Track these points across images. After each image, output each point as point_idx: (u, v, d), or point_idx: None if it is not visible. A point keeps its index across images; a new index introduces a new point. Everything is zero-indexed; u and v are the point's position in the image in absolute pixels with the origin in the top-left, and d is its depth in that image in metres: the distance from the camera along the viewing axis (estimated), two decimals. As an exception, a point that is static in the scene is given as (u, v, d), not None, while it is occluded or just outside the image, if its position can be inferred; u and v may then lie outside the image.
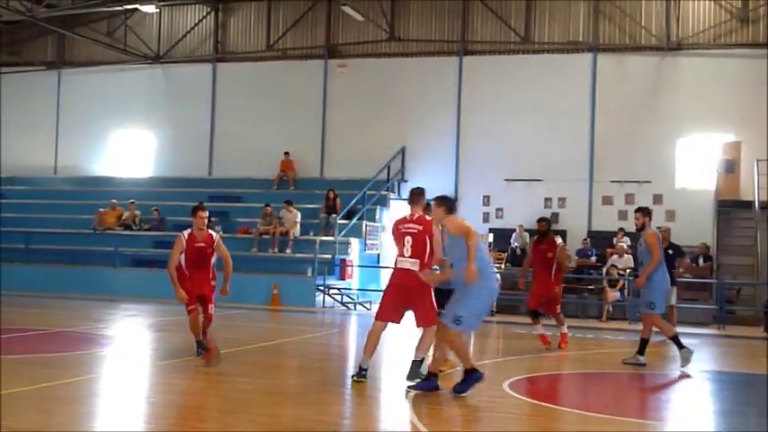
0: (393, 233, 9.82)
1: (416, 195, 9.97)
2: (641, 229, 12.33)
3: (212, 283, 11.31)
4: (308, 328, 17.44)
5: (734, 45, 24.97)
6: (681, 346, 11.95)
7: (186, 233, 11.11)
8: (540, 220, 15.12)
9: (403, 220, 9.79)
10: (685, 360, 11.86)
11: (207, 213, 11.24)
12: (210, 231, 11.36)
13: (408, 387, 9.26)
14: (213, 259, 11.27)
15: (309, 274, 22.99)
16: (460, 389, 8.99)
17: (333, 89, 28.46)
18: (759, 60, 24.41)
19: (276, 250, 24.11)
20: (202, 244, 11.11)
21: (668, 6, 25.24)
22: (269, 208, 24.76)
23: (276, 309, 21.77)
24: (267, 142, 28.11)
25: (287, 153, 27.98)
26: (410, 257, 9.44)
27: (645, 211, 12.47)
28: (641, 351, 12.07)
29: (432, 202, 9.38)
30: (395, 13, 28.03)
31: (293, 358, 12.75)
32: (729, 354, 14.97)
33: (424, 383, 9.23)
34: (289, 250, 24.11)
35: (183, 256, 10.97)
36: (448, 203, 9.38)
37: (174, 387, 9.25)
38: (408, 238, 9.46)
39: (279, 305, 22.13)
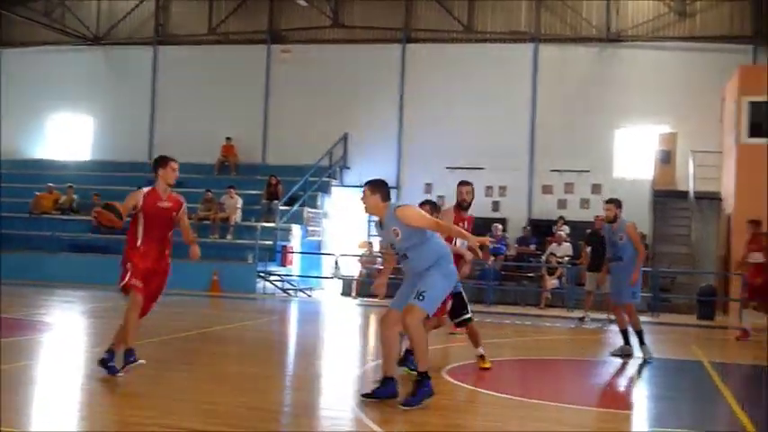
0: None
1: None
2: (613, 220, 12.43)
3: (168, 261, 8.94)
4: (248, 315, 17.38)
5: (671, 38, 25.46)
6: (628, 342, 12.09)
7: (146, 190, 8.79)
8: (423, 203, 15.05)
9: None
10: (625, 352, 12.05)
11: (178, 166, 9.01)
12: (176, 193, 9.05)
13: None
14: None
15: (250, 260, 22.90)
16: (411, 401, 7.61)
17: (276, 74, 28.30)
18: (695, 54, 24.95)
19: (217, 236, 23.97)
20: (167, 204, 8.81)
21: (609, -2, 25.57)
22: (210, 193, 24.57)
23: (216, 295, 21.64)
24: (209, 127, 27.83)
25: (228, 138, 27.77)
26: None
27: (617, 203, 12.59)
28: (642, 341, 12.05)
29: (365, 188, 7.88)
30: (339, 0, 27.94)
31: (234, 345, 12.70)
32: (663, 341, 15.28)
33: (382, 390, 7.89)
34: (230, 236, 23.98)
35: (138, 221, 8.67)
36: (385, 189, 7.93)
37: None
38: None
39: (219, 291, 22.01)
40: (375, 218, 8.04)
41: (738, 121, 22.01)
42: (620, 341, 12.39)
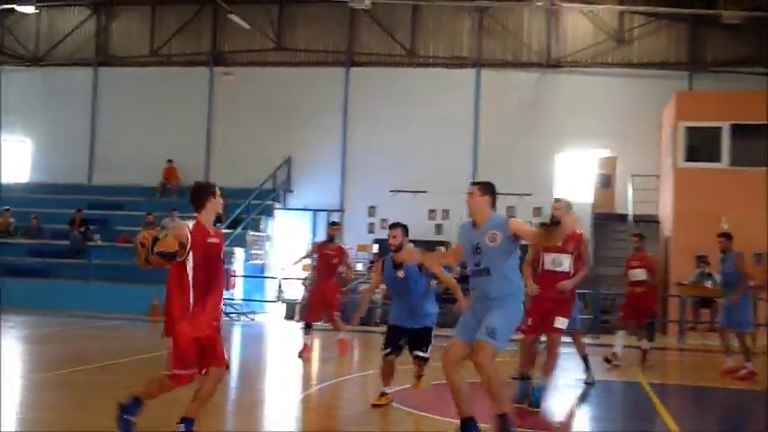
0: None
1: None
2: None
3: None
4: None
5: (610, 64, 25.95)
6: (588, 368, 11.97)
7: (191, 223, 6.91)
8: (332, 224, 15.21)
9: None
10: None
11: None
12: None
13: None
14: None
15: (192, 284, 22.59)
16: None
17: (218, 97, 28.17)
18: (634, 79, 25.47)
19: (158, 260, 23.59)
20: (216, 240, 7.00)
21: (549, 25, 25.98)
22: (151, 216, 24.27)
23: (157, 319, 21.29)
24: (150, 149, 27.54)
25: (170, 161, 27.51)
26: None
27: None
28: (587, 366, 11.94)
29: (476, 188, 7.37)
30: (282, 23, 27.98)
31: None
32: (603, 363, 15.42)
33: None
34: (171, 260, 23.64)
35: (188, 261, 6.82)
36: (495, 195, 7.43)
37: (46, 402, 8.95)
38: None
39: (159, 316, 21.64)
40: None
41: (675, 146, 22.48)
42: (564, 363, 12.45)
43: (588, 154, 25.51)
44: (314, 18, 27.83)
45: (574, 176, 25.68)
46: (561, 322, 9.61)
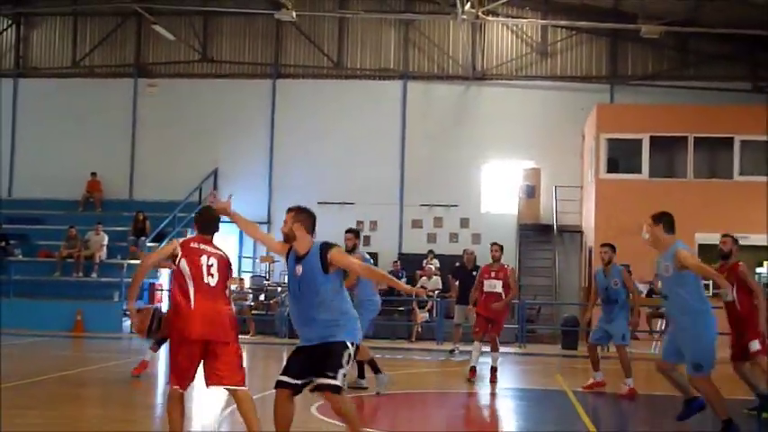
0: None
1: None
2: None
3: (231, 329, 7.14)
4: (113, 356, 16.85)
5: (534, 77, 26.37)
6: (377, 371, 11.32)
7: (181, 240, 7.29)
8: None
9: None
10: (381, 385, 11.25)
11: None
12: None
13: None
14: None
15: (116, 298, 22.27)
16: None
17: (143, 109, 27.79)
18: (557, 92, 25.94)
19: (81, 274, 23.20)
20: (218, 252, 7.32)
21: (473, 38, 26.30)
22: (73, 230, 23.81)
23: (80, 336, 20.91)
24: (73, 162, 26.99)
25: (94, 174, 27.02)
26: None
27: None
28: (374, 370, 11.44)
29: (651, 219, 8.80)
30: (207, 34, 27.78)
31: (96, 387, 12.29)
32: (529, 371, 15.65)
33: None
34: (94, 274, 23.26)
35: (180, 273, 7.02)
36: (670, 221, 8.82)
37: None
38: None
39: (83, 332, 21.28)
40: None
41: (597, 157, 22.94)
42: (487, 372, 12.59)
43: (513, 165, 25.87)
44: (240, 30, 27.70)
45: (499, 187, 26.01)
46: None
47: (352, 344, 6.67)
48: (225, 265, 7.25)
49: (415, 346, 20.37)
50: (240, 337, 7.25)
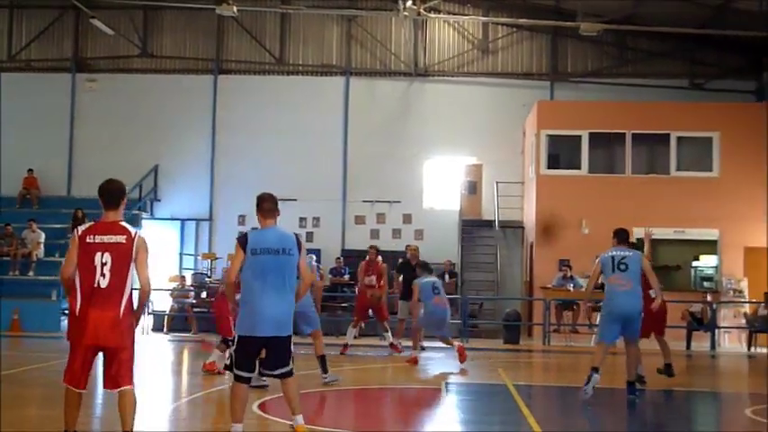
0: None
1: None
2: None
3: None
4: (52, 355, 16.53)
5: (475, 74, 26.56)
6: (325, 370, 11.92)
7: (79, 232, 6.81)
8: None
9: None
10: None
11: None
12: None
13: None
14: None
15: (54, 297, 21.91)
16: None
17: (81, 104, 27.35)
18: (498, 89, 26.18)
19: (17, 273, 22.78)
20: (116, 240, 6.79)
21: (416, 34, 26.40)
22: (9, 227, 23.37)
23: (17, 335, 20.52)
24: (9, 158, 26.37)
25: (30, 170, 26.53)
26: None
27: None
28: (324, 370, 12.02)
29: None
30: (147, 29, 27.45)
31: (36, 388, 12.07)
32: (471, 366, 15.76)
33: None
34: (31, 273, 22.87)
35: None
36: None
37: None
38: None
39: (20, 331, 20.89)
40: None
41: (537, 154, 23.21)
42: (431, 367, 12.67)
43: (455, 161, 26.04)
44: (181, 25, 27.43)
45: (441, 183, 26.16)
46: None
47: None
48: (123, 253, 6.68)
49: (358, 342, 20.35)
50: (182, 335, 7.21)
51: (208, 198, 26.58)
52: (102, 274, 6.62)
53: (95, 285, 6.61)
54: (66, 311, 7.25)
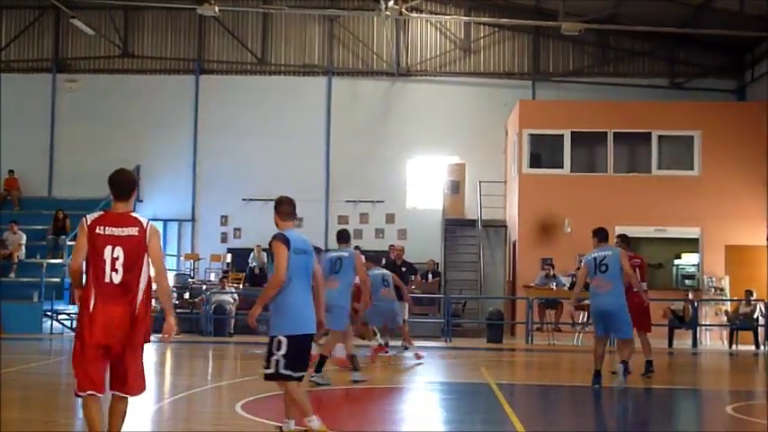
0: None
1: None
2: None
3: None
4: (33, 357, 16.49)
5: (458, 73, 26.60)
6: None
7: (88, 221, 6.35)
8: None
9: None
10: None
11: None
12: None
13: None
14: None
15: (36, 298, 21.78)
16: None
17: (62, 105, 27.21)
18: (480, 88, 26.23)
19: (-1, 274, 22.65)
20: (128, 232, 6.36)
21: (398, 34, 26.41)
22: (-10, 229, 23.22)
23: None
24: (-11, 160, 26.25)
25: (11, 171, 26.37)
26: None
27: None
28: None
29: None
30: (128, 29, 27.34)
31: (16, 390, 11.99)
32: (455, 365, 15.80)
33: None
34: (12, 274, 22.73)
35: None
36: None
37: None
38: None
39: (1, 333, 20.73)
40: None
41: (520, 153, 23.26)
42: (413, 367, 12.65)
43: (438, 161, 26.06)
44: (162, 25, 27.34)
45: (424, 183, 26.17)
46: None
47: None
48: (136, 247, 6.28)
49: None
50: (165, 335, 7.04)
51: (190, 199, 26.50)
52: (115, 269, 6.17)
53: (107, 281, 6.16)
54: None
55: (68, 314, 22.12)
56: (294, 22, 26.95)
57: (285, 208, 7.82)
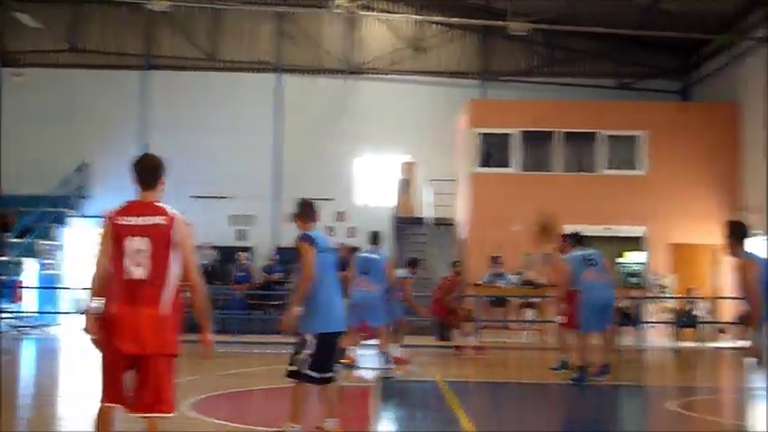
0: None
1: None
2: None
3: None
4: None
5: (408, 72, 26.68)
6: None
7: (110, 213, 5.93)
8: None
9: None
10: None
11: None
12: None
13: None
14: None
15: (-20, 300, 21.37)
16: None
17: (8, 99, 26.63)
18: (431, 87, 26.35)
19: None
20: (154, 221, 5.80)
21: (349, 32, 26.41)
22: (-68, 227, 22.71)
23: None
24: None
25: (-47, 167, 25.81)
26: None
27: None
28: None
29: None
30: (76, 23, 26.93)
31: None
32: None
33: None
34: (-47, 272, 22.27)
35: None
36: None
37: None
38: None
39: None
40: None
41: (470, 152, 23.39)
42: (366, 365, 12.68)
43: (389, 159, 26.10)
44: (110, 19, 26.95)
45: (375, 181, 26.21)
46: None
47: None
48: (162, 237, 5.57)
49: (291, 340, 20.27)
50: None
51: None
52: (138, 264, 5.45)
53: (128, 277, 5.42)
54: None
55: (11, 312, 21.74)
56: (245, 19, 26.77)
57: (308, 210, 8.06)
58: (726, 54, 23.83)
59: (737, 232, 8.01)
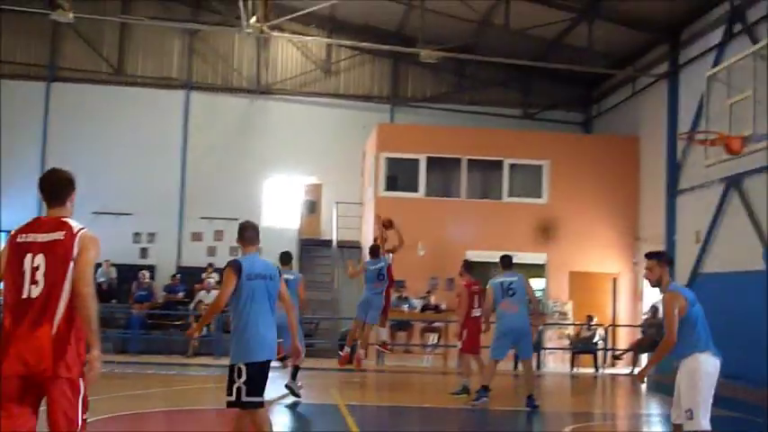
0: None
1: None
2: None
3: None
4: None
5: (318, 94, 26.74)
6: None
7: (12, 232, 5.61)
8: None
9: None
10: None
11: None
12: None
13: None
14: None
15: None
16: None
17: None
18: (340, 110, 26.47)
19: None
20: (54, 236, 5.45)
21: (259, 52, 26.33)
22: None
23: None
24: None
25: None
26: None
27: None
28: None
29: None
30: (-24, 31, 26.10)
31: None
32: (306, 386, 15.74)
33: None
34: None
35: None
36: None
37: None
38: None
39: None
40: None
41: (377, 175, 23.51)
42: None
43: (295, 180, 26.06)
44: (13, 28, 26.16)
45: (281, 202, 26.11)
46: None
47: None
48: (60, 253, 5.27)
49: (191, 362, 20.03)
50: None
51: (36, 210, 25.41)
52: (34, 282, 5.16)
53: (24, 296, 5.14)
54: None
55: None
56: (153, 34, 26.41)
57: (249, 233, 7.94)
58: (627, 88, 24.62)
59: (667, 262, 7.84)
